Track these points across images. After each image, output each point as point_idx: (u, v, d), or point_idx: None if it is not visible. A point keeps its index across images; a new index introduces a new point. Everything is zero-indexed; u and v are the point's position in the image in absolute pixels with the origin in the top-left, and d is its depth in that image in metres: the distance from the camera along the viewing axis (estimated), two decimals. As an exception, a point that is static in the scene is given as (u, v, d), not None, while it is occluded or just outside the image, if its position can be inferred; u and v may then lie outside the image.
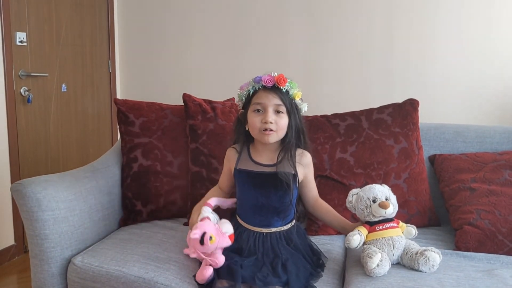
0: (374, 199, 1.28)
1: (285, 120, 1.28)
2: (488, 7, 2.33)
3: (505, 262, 1.31)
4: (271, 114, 1.26)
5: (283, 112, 1.27)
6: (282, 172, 1.28)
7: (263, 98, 1.27)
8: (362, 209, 1.29)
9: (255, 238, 1.29)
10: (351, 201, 1.32)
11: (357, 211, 1.31)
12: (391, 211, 1.28)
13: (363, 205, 1.29)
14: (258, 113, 1.28)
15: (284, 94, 1.28)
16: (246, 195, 1.33)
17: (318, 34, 2.62)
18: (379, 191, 1.30)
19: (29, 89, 2.38)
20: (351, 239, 1.25)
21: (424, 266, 1.22)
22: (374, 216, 1.28)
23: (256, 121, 1.27)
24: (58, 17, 2.55)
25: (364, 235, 1.27)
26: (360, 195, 1.31)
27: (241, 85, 1.34)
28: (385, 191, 1.32)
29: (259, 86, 1.29)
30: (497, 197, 1.45)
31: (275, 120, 1.26)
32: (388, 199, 1.30)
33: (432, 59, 2.45)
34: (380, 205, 1.26)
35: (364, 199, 1.29)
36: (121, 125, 1.74)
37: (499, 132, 1.69)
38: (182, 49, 2.91)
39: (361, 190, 1.32)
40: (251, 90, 1.30)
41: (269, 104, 1.26)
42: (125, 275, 1.29)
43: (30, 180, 1.42)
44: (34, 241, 1.39)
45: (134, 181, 1.68)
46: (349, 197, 1.33)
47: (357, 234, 1.26)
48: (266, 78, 1.27)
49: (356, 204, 1.31)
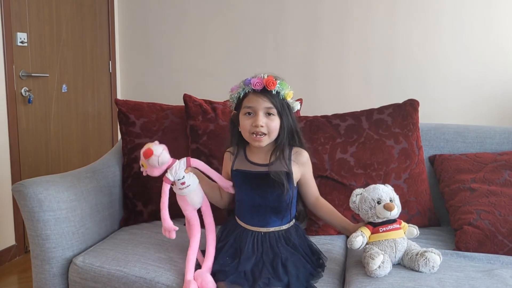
0: (379, 200, 1.27)
1: (276, 122, 1.27)
2: (489, 7, 2.33)
3: (505, 262, 1.32)
4: (262, 117, 1.25)
5: (274, 114, 1.26)
6: (273, 172, 1.27)
7: (253, 102, 1.26)
8: (366, 210, 1.28)
9: (253, 238, 1.29)
10: (354, 201, 1.31)
11: (360, 211, 1.30)
12: (396, 213, 1.27)
13: (368, 206, 1.28)
14: (249, 116, 1.27)
15: (275, 96, 1.26)
16: (243, 195, 1.33)
17: (318, 34, 2.62)
18: (383, 192, 1.28)
19: (30, 90, 2.38)
20: (354, 240, 1.24)
21: (425, 267, 1.22)
22: (378, 218, 1.27)
23: (247, 124, 1.27)
24: (58, 17, 2.55)
25: (367, 236, 1.27)
26: (364, 195, 1.30)
27: (232, 87, 1.33)
28: (389, 191, 1.31)
29: (249, 89, 1.27)
30: (497, 197, 1.46)
31: (266, 123, 1.25)
32: (392, 200, 1.29)
33: (432, 59, 2.46)
34: (385, 207, 1.25)
35: (368, 200, 1.28)
36: (122, 125, 1.75)
37: (499, 133, 1.69)
38: (182, 49, 2.91)
39: (365, 191, 1.31)
40: (242, 93, 1.29)
41: (259, 108, 1.25)
42: (126, 275, 1.30)
43: (31, 181, 1.42)
44: (36, 242, 1.40)
45: (135, 182, 1.68)
46: (353, 197, 1.32)
47: (360, 236, 1.25)
48: (255, 81, 1.25)
49: (360, 204, 1.30)
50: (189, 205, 1.33)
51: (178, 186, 1.30)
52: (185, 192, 1.30)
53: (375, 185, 1.32)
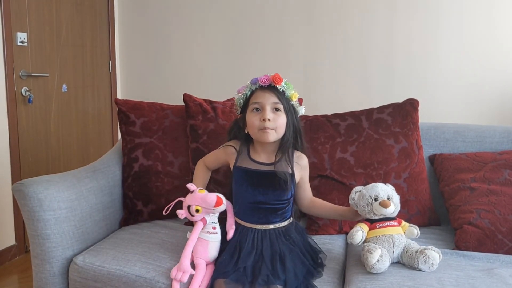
0: (376, 197, 1.29)
1: (283, 118, 1.30)
2: (489, 7, 2.33)
3: (504, 261, 1.32)
4: (269, 111, 1.28)
5: (280, 110, 1.29)
6: (280, 171, 1.30)
7: (260, 97, 1.29)
8: (363, 206, 1.30)
9: (254, 235, 1.30)
10: (353, 198, 1.33)
11: (358, 208, 1.32)
12: (392, 210, 1.29)
13: (365, 203, 1.29)
14: (256, 112, 1.30)
15: (281, 93, 1.30)
16: (244, 193, 1.34)
17: (319, 34, 2.62)
18: (381, 189, 1.30)
19: (30, 89, 2.38)
20: (355, 234, 1.26)
21: (424, 265, 1.22)
22: (374, 214, 1.29)
23: (255, 120, 1.29)
24: (58, 17, 2.55)
25: (366, 231, 1.28)
26: (363, 192, 1.31)
27: (239, 89, 1.37)
28: (388, 190, 1.32)
29: (256, 87, 1.31)
30: (497, 196, 1.46)
31: (273, 118, 1.28)
32: (390, 198, 1.30)
33: (432, 59, 2.46)
34: (381, 203, 1.27)
35: (366, 197, 1.30)
36: (122, 125, 1.75)
37: (499, 132, 1.69)
38: (182, 49, 2.91)
39: (364, 188, 1.33)
40: (249, 92, 1.33)
41: (267, 103, 1.28)
42: (127, 274, 1.30)
43: (31, 180, 1.42)
44: (36, 241, 1.40)
45: (135, 181, 1.68)
46: (352, 194, 1.34)
47: (360, 231, 1.27)
48: (263, 77, 1.30)
49: (358, 201, 1.32)
50: (207, 253, 1.27)
51: (207, 229, 1.28)
52: (211, 238, 1.28)
53: (375, 183, 1.34)
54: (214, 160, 1.46)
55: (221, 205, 1.28)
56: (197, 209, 1.26)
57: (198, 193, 1.29)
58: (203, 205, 1.26)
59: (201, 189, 1.33)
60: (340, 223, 1.57)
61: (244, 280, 1.17)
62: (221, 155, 1.43)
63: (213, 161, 1.46)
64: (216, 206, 1.27)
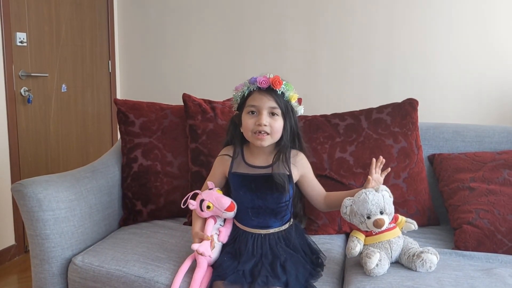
0: (368, 215, 1.23)
1: (279, 123, 1.26)
2: (488, 8, 2.33)
3: (504, 261, 1.32)
4: (265, 116, 1.23)
5: (278, 115, 1.25)
6: (277, 174, 1.26)
7: (257, 100, 1.25)
8: (357, 223, 1.26)
9: (253, 240, 1.28)
10: (345, 213, 1.27)
11: (353, 222, 1.28)
12: (387, 223, 1.25)
13: (358, 220, 1.25)
14: (252, 115, 1.25)
15: (280, 96, 1.25)
16: (242, 198, 1.31)
17: (318, 34, 2.62)
18: (372, 204, 1.22)
19: (29, 89, 2.38)
20: (352, 250, 1.24)
21: (422, 268, 1.22)
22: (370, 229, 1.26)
23: (250, 123, 1.25)
24: (58, 17, 2.55)
25: (362, 240, 1.27)
26: (354, 209, 1.25)
27: (236, 86, 1.32)
28: (380, 200, 1.23)
29: (254, 88, 1.26)
30: (496, 196, 1.46)
31: (270, 123, 1.24)
32: (383, 211, 1.24)
33: (431, 58, 2.46)
34: (375, 224, 1.22)
35: (358, 215, 1.24)
36: (121, 125, 1.75)
37: (498, 132, 1.69)
38: (182, 49, 2.91)
39: (354, 203, 1.25)
40: (246, 92, 1.28)
41: (264, 107, 1.24)
42: (126, 274, 1.30)
43: (31, 180, 1.42)
44: (35, 241, 1.40)
45: (134, 181, 1.68)
46: (343, 209, 1.27)
47: (356, 241, 1.26)
48: (261, 79, 1.24)
49: (350, 217, 1.27)
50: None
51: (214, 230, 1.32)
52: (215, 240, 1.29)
53: (364, 195, 1.24)
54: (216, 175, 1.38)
55: (232, 211, 1.28)
56: (208, 206, 1.28)
57: (216, 192, 1.30)
58: (215, 204, 1.28)
59: (219, 189, 1.33)
60: (339, 223, 1.57)
61: (243, 282, 1.16)
62: (219, 167, 1.36)
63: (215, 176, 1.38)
64: (227, 210, 1.27)
